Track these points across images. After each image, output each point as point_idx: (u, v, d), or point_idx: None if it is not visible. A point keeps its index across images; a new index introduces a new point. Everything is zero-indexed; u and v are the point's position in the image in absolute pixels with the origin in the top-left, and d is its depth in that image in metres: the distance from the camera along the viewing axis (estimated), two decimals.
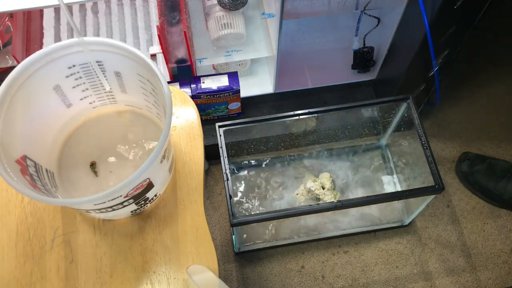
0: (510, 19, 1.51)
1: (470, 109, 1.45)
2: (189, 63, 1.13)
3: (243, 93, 1.25)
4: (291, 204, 1.28)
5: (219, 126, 1.04)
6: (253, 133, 1.23)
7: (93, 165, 0.75)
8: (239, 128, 1.06)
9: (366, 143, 1.35)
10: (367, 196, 1.01)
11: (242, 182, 1.31)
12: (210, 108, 1.23)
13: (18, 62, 0.79)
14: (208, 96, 1.17)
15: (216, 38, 1.11)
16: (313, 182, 1.23)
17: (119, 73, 0.70)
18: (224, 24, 1.10)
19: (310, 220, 1.26)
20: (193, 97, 1.16)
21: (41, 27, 1.13)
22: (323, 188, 1.23)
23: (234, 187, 1.30)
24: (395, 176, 1.31)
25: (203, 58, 1.27)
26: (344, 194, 1.28)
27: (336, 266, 1.24)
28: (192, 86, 1.16)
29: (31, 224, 0.72)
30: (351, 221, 1.26)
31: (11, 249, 0.70)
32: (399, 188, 1.29)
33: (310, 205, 0.99)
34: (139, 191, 0.64)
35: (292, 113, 1.07)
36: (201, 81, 1.16)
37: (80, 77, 0.70)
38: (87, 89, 0.73)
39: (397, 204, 1.29)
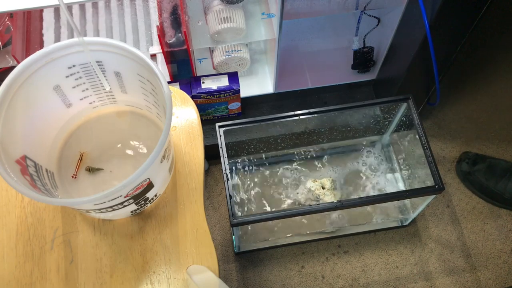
0: (510, 19, 1.51)
1: (470, 109, 1.45)
2: (189, 63, 1.13)
3: (243, 93, 1.25)
4: (291, 204, 1.28)
5: (219, 126, 1.04)
6: (253, 133, 1.23)
7: (90, 170, 0.75)
8: (239, 128, 1.06)
9: (366, 143, 1.35)
10: (367, 196, 1.01)
11: (242, 182, 1.31)
12: (210, 108, 1.23)
13: (18, 62, 0.79)
14: (208, 96, 1.17)
15: (215, 32, 1.11)
16: (313, 182, 1.23)
17: (119, 73, 0.70)
18: (224, 18, 1.09)
19: (310, 220, 1.26)
20: (193, 97, 1.16)
21: (41, 27, 1.13)
22: (323, 188, 1.23)
23: (234, 187, 1.30)
24: (395, 176, 1.31)
25: (203, 58, 1.27)
26: (344, 194, 1.28)
27: (336, 266, 1.25)
28: (192, 86, 1.16)
29: (31, 224, 0.72)
30: (351, 221, 1.26)
31: (11, 249, 0.70)
32: (399, 188, 1.29)
33: (310, 205, 0.99)
34: (139, 191, 0.64)
35: (292, 113, 1.07)
36: (201, 81, 1.16)
37: (80, 77, 0.70)
38: (87, 89, 0.73)
39: (397, 204, 1.29)
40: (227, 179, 0.98)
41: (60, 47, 0.64)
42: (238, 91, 1.18)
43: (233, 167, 1.32)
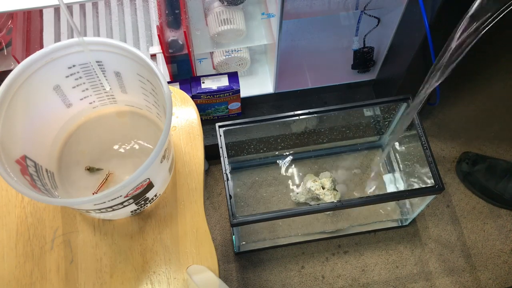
0: (510, 19, 1.51)
1: (470, 109, 1.45)
2: (189, 63, 1.13)
3: (243, 93, 1.25)
4: (291, 204, 1.28)
5: (219, 126, 1.04)
6: (253, 133, 1.23)
7: (90, 169, 0.75)
8: (239, 128, 1.06)
9: (366, 143, 1.35)
10: (367, 196, 1.01)
11: (242, 182, 1.31)
12: (210, 108, 1.23)
13: (18, 62, 0.79)
14: (208, 96, 1.17)
15: (215, 34, 1.11)
16: (313, 182, 1.23)
17: (119, 73, 0.70)
18: (224, 19, 1.09)
19: (310, 220, 1.26)
20: (193, 97, 1.16)
21: (41, 27, 1.13)
22: (323, 188, 1.23)
23: (234, 187, 1.30)
24: (395, 176, 1.31)
25: (203, 58, 1.28)
26: (344, 194, 1.28)
27: (336, 266, 1.25)
28: (192, 86, 1.16)
29: (31, 224, 0.72)
30: (351, 221, 1.26)
31: (11, 249, 0.70)
32: (399, 188, 1.29)
33: (310, 205, 0.99)
34: (139, 191, 0.64)
35: (292, 113, 1.07)
36: (201, 81, 1.16)
37: (80, 77, 0.70)
38: (87, 89, 0.73)
39: (397, 204, 1.29)
40: (227, 179, 0.98)
41: (60, 47, 0.64)
42: (238, 91, 1.18)
43: (233, 167, 1.32)
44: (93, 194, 0.74)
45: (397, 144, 1.30)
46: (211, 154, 1.15)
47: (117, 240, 0.72)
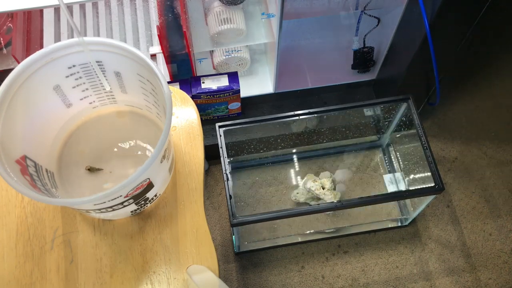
0: (510, 19, 1.51)
1: (470, 109, 1.45)
2: (189, 63, 1.13)
3: (243, 93, 1.25)
4: (291, 204, 1.28)
5: (219, 126, 1.04)
6: (253, 133, 1.23)
7: (90, 169, 0.75)
8: (239, 128, 1.06)
9: (366, 143, 1.35)
10: (367, 197, 1.01)
11: (242, 182, 1.31)
12: (210, 108, 1.23)
13: (18, 62, 0.79)
14: (208, 96, 1.17)
15: (215, 34, 1.11)
16: (313, 182, 1.23)
17: (119, 73, 0.70)
18: (224, 19, 1.09)
19: (310, 220, 1.26)
20: (193, 97, 1.16)
21: (41, 27, 1.13)
22: (323, 188, 1.23)
23: (234, 187, 1.30)
24: (395, 176, 1.31)
25: (203, 58, 1.28)
26: (344, 194, 1.28)
27: (336, 266, 1.25)
28: (192, 86, 1.16)
29: (31, 224, 0.72)
30: (351, 221, 1.26)
31: (11, 249, 0.70)
32: (399, 188, 1.29)
33: (310, 205, 0.99)
34: (139, 191, 0.64)
35: (292, 113, 1.07)
36: (201, 81, 1.16)
37: (80, 77, 0.70)
38: (87, 89, 0.73)
39: (397, 204, 1.29)
40: (227, 179, 0.98)
41: (60, 47, 0.64)
42: (238, 91, 1.18)
43: (233, 167, 1.32)
44: None
45: (397, 144, 1.30)
46: (211, 154, 1.15)
47: (117, 240, 0.72)
